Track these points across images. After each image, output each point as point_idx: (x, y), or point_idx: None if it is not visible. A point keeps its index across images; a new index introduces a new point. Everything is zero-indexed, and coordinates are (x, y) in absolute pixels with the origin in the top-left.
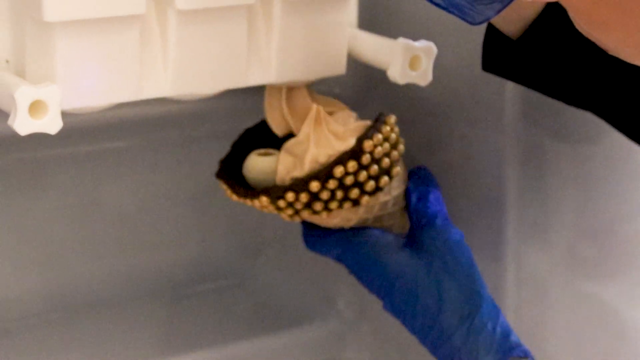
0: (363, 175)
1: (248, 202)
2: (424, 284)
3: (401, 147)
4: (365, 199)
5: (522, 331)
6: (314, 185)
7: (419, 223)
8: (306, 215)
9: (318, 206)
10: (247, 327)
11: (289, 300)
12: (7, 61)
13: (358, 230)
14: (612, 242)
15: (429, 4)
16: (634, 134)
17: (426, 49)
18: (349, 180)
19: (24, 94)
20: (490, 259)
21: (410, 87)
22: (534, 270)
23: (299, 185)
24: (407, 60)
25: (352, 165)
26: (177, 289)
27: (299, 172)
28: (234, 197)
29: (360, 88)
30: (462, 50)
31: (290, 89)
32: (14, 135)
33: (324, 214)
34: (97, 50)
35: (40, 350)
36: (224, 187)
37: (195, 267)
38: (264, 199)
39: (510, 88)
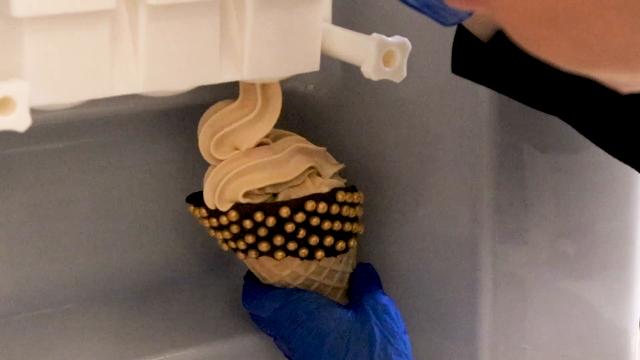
0: (327, 224)
1: (214, 223)
2: (357, 339)
3: (362, 227)
4: (320, 253)
5: (500, 329)
6: (284, 211)
7: (360, 292)
8: (264, 247)
9: (278, 239)
10: (220, 328)
11: None
12: None
13: (300, 290)
14: (591, 240)
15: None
16: (602, 141)
17: (400, 44)
18: (314, 220)
19: None
20: (466, 256)
21: (386, 86)
22: (512, 268)
23: (270, 207)
24: (381, 56)
25: (322, 206)
26: (148, 290)
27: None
28: (201, 216)
29: (335, 86)
30: (439, 49)
31: (266, 85)
32: None
33: (279, 255)
34: (67, 46)
35: (9, 351)
36: (192, 208)
37: (168, 266)
38: (233, 214)
39: (486, 88)
